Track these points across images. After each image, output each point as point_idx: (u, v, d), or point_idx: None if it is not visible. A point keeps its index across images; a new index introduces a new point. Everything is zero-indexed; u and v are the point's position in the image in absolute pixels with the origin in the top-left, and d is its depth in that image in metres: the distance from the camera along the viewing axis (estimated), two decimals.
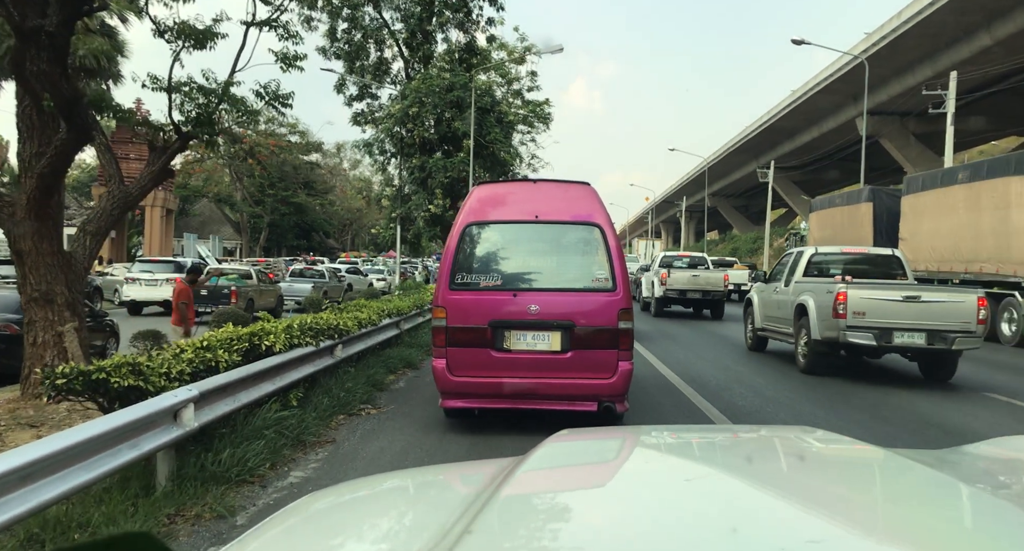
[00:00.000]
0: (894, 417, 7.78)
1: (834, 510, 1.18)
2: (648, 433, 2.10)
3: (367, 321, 9.41)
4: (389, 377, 9.24)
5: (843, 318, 9.64)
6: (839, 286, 9.95)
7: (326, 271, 27.96)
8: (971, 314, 9.53)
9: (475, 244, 6.61)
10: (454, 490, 1.56)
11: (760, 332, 12.76)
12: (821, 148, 50.39)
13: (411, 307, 12.50)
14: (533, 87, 35.80)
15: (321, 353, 7.59)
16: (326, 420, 6.66)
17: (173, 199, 43.81)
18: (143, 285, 22.64)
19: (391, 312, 10.97)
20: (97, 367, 4.61)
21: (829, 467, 1.61)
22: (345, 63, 29.28)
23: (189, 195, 59.52)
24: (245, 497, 4.75)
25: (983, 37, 32.26)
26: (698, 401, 8.15)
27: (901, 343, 9.61)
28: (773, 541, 1.02)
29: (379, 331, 10.12)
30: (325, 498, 1.52)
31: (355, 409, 7.29)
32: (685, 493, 1.31)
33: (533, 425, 6.20)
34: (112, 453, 3.94)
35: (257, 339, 6.29)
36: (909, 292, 9.84)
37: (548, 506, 1.31)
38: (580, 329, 6.28)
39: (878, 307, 9.63)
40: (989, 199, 15.82)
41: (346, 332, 8.30)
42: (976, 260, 16.18)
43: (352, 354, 8.67)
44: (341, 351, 8.15)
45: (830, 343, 10.01)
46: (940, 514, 1.24)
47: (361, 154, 31.25)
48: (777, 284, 12.19)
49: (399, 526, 1.37)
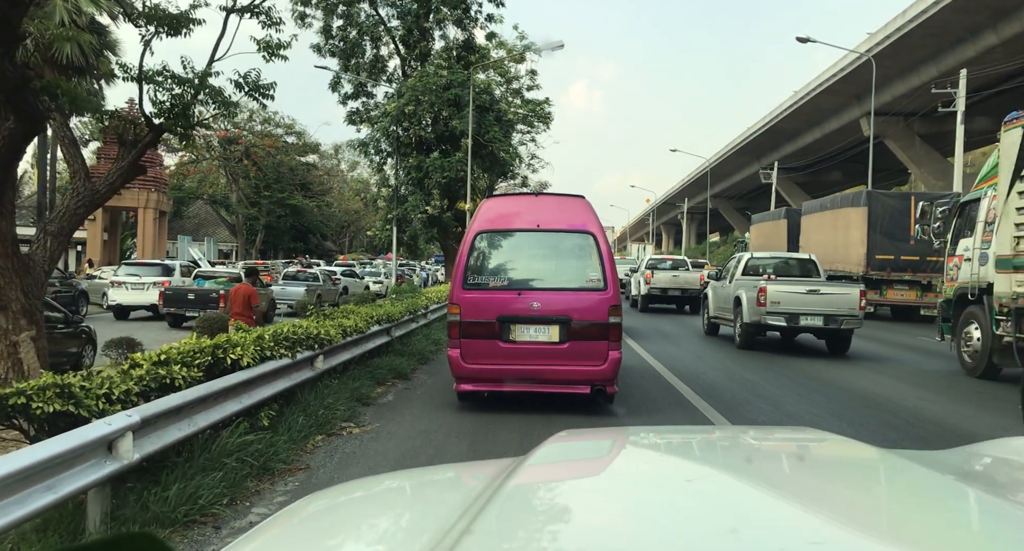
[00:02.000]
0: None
1: (834, 511, 1.18)
2: (647, 433, 2.12)
3: (353, 329, 8.68)
4: (377, 390, 8.50)
5: (764, 306, 12.73)
6: (762, 282, 13.19)
7: (320, 274, 27.17)
8: (855, 302, 12.65)
9: (484, 250, 7.47)
10: (454, 490, 1.55)
11: (713, 320, 15.89)
12: (823, 149, 50.05)
13: (403, 312, 11.76)
14: (533, 86, 35.12)
15: (299, 365, 6.87)
16: (300, 442, 5.92)
17: (166, 201, 43.04)
18: (129, 289, 21.91)
19: (381, 318, 10.23)
20: (16, 390, 3.88)
21: (829, 467, 1.62)
22: (340, 61, 28.53)
23: (184, 197, 58.70)
24: (193, 542, 4.02)
25: (989, 36, 31.74)
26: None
27: (805, 324, 12.83)
28: (773, 541, 1.01)
29: (367, 339, 9.38)
30: (324, 498, 1.51)
31: (335, 428, 6.54)
32: (685, 493, 1.30)
33: (533, 442, 5.46)
34: (18, 500, 3.21)
35: (222, 352, 5.56)
36: (811, 286, 12.99)
37: (548, 506, 1.31)
38: (576, 323, 7.12)
39: (789, 298, 12.70)
40: (841, 222, 23.21)
41: (328, 342, 7.57)
42: (836, 262, 22.30)
43: (335, 365, 7.93)
44: (322, 363, 7.41)
45: (756, 325, 13.10)
46: (940, 515, 1.24)
47: (357, 154, 30.48)
48: (724, 281, 15.23)
49: (399, 526, 1.37)
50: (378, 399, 8.09)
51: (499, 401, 7.64)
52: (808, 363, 12.12)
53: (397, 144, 27.09)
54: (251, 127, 56.83)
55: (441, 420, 7.15)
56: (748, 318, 13.10)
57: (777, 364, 11.89)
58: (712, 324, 15.96)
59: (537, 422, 6.84)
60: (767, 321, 12.79)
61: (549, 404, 7.48)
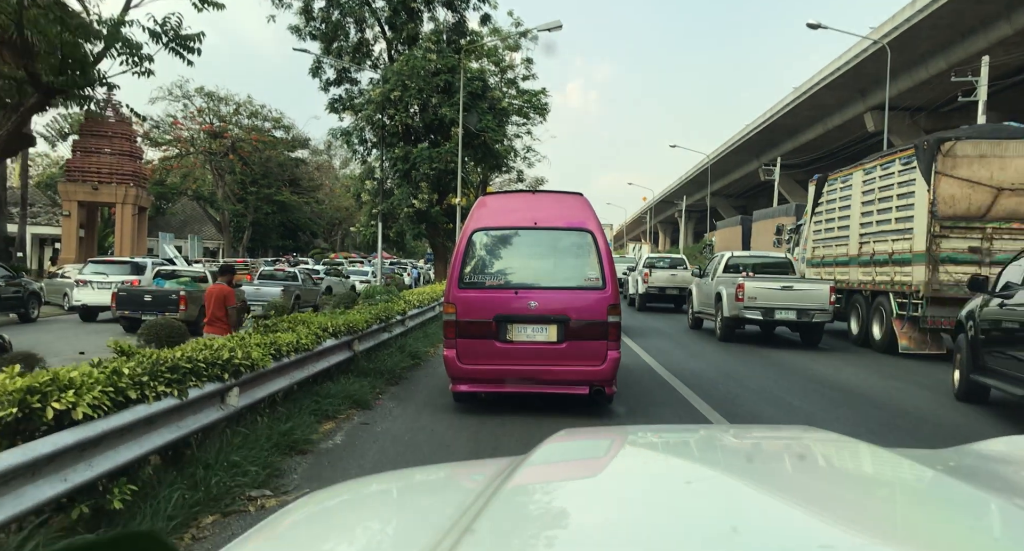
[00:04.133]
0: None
1: (835, 511, 1.17)
2: (647, 433, 2.11)
3: (293, 347, 6.67)
4: (322, 428, 6.47)
5: (742, 302, 13.75)
6: (740, 279, 14.15)
7: (299, 273, 25.08)
8: (825, 297, 13.64)
9: (481, 248, 7.36)
10: (454, 490, 1.53)
11: (697, 314, 17.03)
12: (825, 146, 49.20)
13: (372, 320, 9.75)
14: (529, 75, 33.13)
15: (197, 406, 4.87)
16: (177, 531, 3.94)
17: (146, 196, 40.90)
18: (95, 288, 20.06)
19: (339, 329, 8.22)
20: None
21: (830, 467, 1.61)
22: (322, 44, 26.44)
23: (167, 193, 56.51)
24: None
25: (1002, 26, 30.05)
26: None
27: (780, 318, 13.79)
28: (774, 541, 1.01)
29: (315, 359, 7.37)
30: (324, 498, 1.49)
31: (238, 500, 4.52)
32: (685, 493, 1.29)
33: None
34: None
35: (40, 400, 3.56)
36: (785, 283, 13.98)
37: (548, 506, 1.30)
38: (574, 322, 7.01)
39: (765, 293, 13.70)
40: (765, 229, 28.95)
41: (248, 367, 5.56)
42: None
43: (261, 399, 5.91)
44: (237, 398, 5.39)
45: (735, 319, 14.10)
46: (940, 515, 1.23)
47: (340, 144, 28.41)
48: (707, 279, 16.27)
49: (399, 526, 1.36)
50: (320, 443, 6.05)
51: (489, 435, 6.38)
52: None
53: (382, 133, 25.02)
54: (237, 121, 54.79)
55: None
56: (728, 312, 14.13)
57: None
58: (696, 318, 17.10)
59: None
60: (745, 315, 13.82)
61: (544, 415, 7.09)
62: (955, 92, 33.07)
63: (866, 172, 14.64)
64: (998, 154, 11.83)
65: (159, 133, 52.93)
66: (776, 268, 16.29)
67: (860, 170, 15.02)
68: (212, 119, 54.04)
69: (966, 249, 11.85)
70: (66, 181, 37.68)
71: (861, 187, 14.69)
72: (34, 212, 44.15)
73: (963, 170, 11.83)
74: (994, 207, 11.81)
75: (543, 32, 25.69)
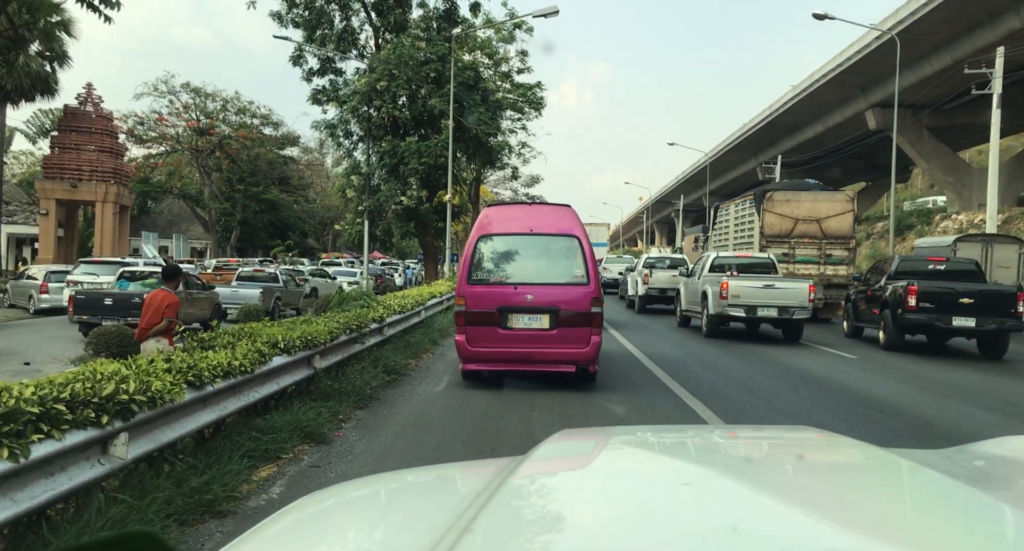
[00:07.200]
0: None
1: (834, 511, 1.17)
2: (645, 434, 2.10)
3: (223, 370, 5.24)
4: (259, 473, 5.02)
5: (726, 300, 14.45)
6: (724, 278, 14.86)
7: (280, 274, 23.60)
8: (804, 295, 14.40)
9: (486, 250, 8.72)
10: (454, 489, 1.54)
11: (684, 312, 17.79)
12: (825, 144, 48.72)
13: (339, 331, 8.32)
14: (524, 69, 31.71)
15: (53, 466, 3.45)
16: None
17: (128, 194, 39.37)
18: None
19: (292, 344, 6.79)
20: None
21: (829, 467, 1.60)
22: (304, 31, 24.99)
23: (152, 191, 54.92)
24: None
25: (1011, 20, 28.96)
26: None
27: (762, 315, 14.52)
28: (774, 541, 1.01)
29: (258, 382, 5.94)
30: (324, 498, 1.48)
31: None
32: (684, 493, 1.29)
33: None
34: None
35: None
36: (767, 282, 14.69)
37: (548, 505, 1.28)
38: (563, 312, 8.33)
39: (748, 292, 14.41)
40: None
41: (147, 403, 4.15)
42: None
43: (168, 443, 4.49)
44: (126, 447, 3.96)
45: (719, 316, 14.88)
46: (940, 515, 1.22)
47: (323, 136, 26.94)
48: (694, 278, 17.00)
49: (399, 525, 1.34)
50: (248, 499, 4.59)
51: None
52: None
53: (368, 126, 23.57)
54: (225, 117, 53.22)
55: None
56: (713, 310, 14.84)
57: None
58: (684, 316, 17.88)
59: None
60: (729, 312, 14.57)
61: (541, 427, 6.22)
62: (960, 89, 31.82)
63: (736, 206, 22.48)
64: (796, 200, 19.79)
65: (144, 130, 51.35)
66: (760, 268, 16.82)
67: (733, 204, 22.88)
68: (199, 115, 52.49)
69: (781, 254, 18.97)
70: (43, 178, 36.15)
71: (734, 214, 22.50)
72: (10, 210, 42.52)
73: (778, 208, 19.69)
74: (794, 230, 19.66)
75: (540, 27, 24.28)
